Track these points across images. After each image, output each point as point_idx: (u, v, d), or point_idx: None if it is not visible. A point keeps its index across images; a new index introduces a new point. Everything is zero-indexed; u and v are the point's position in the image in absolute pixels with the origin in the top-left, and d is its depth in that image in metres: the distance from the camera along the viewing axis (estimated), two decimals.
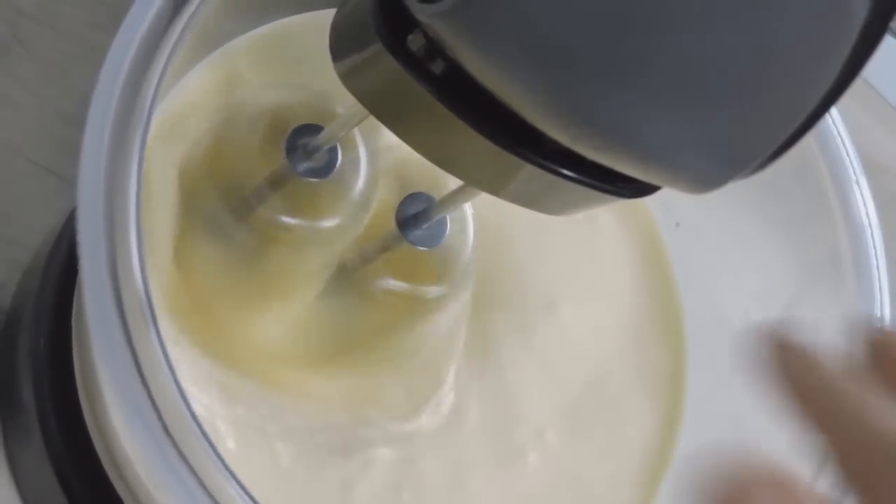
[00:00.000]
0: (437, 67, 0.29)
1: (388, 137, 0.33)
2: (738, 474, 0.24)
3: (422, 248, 0.40)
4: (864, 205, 0.43)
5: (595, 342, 0.47)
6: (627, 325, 0.48)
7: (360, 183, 0.40)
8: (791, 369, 0.26)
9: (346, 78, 0.32)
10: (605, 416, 0.46)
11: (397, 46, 0.29)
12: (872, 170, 0.44)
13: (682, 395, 0.47)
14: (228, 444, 0.39)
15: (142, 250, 0.32)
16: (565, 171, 0.30)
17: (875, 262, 0.42)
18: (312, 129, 0.39)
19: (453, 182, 0.40)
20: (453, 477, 0.43)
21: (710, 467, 0.25)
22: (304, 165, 0.38)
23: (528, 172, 0.30)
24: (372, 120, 0.33)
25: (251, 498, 0.32)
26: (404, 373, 0.43)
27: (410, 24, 0.29)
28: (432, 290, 0.41)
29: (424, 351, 0.44)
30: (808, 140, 0.37)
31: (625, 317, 0.48)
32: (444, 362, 0.44)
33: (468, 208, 0.42)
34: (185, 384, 0.32)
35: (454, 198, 0.39)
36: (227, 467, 0.32)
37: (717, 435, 0.43)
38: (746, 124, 0.28)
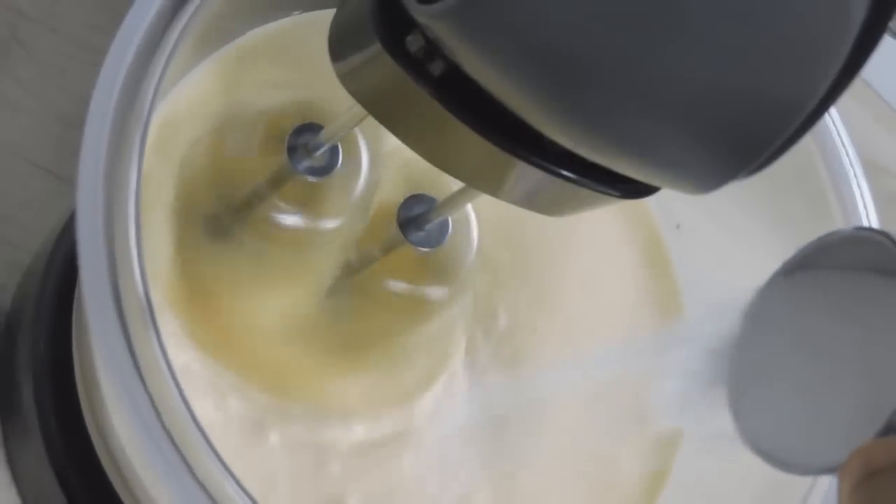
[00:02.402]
0: (436, 68, 0.29)
1: (390, 138, 0.33)
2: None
3: (424, 250, 0.40)
4: (864, 205, 0.43)
5: (596, 343, 0.47)
6: (629, 325, 0.48)
7: (361, 182, 0.40)
8: None
9: (345, 79, 0.32)
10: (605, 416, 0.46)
11: (396, 47, 0.29)
12: (872, 170, 0.44)
13: None
14: (227, 444, 0.39)
15: (141, 250, 0.32)
16: (565, 173, 0.30)
17: None
18: (313, 128, 0.39)
19: (455, 183, 0.40)
20: (448, 477, 0.43)
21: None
22: (304, 164, 0.38)
23: (528, 173, 0.30)
24: (373, 121, 0.33)
25: (250, 497, 0.32)
26: (405, 373, 0.43)
27: (409, 24, 0.29)
28: (434, 292, 0.41)
29: (425, 352, 0.44)
30: (808, 140, 0.37)
31: (626, 318, 0.48)
32: (445, 363, 0.44)
33: (470, 209, 0.42)
34: (184, 384, 0.32)
35: (456, 199, 0.39)
36: (226, 467, 0.32)
37: (719, 433, 0.43)
38: (746, 125, 0.28)
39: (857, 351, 0.32)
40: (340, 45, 0.32)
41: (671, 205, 0.49)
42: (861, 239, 0.32)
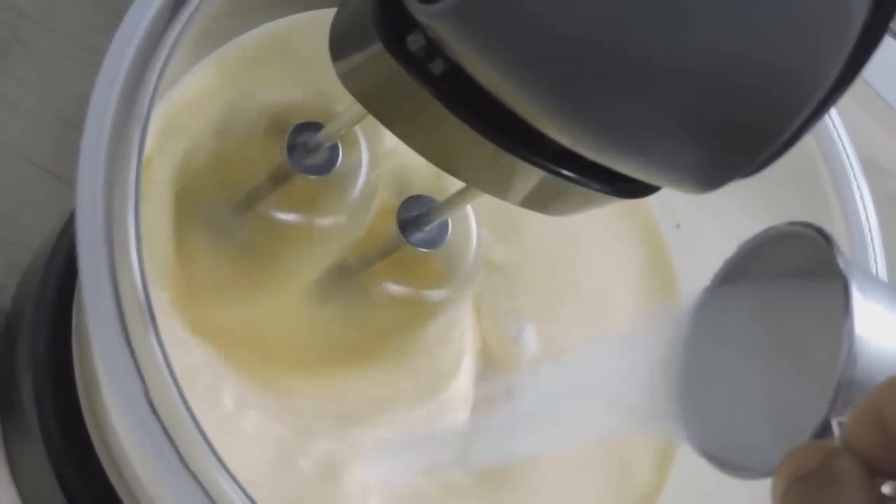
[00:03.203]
0: (437, 68, 0.29)
1: (390, 138, 0.33)
2: None
3: (424, 251, 0.40)
4: (864, 205, 0.43)
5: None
6: (629, 325, 0.48)
7: (361, 181, 0.40)
8: None
9: (346, 78, 0.32)
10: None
11: (397, 47, 0.29)
12: (872, 171, 0.44)
13: None
14: (228, 443, 0.39)
15: (141, 250, 0.32)
16: (566, 172, 0.30)
17: (875, 263, 0.42)
18: (313, 126, 0.39)
19: (455, 184, 0.40)
20: (451, 479, 0.42)
21: None
22: (304, 163, 0.38)
23: (528, 173, 0.30)
24: (373, 119, 0.33)
25: (249, 498, 0.32)
26: (405, 375, 0.43)
27: (410, 24, 0.29)
28: (435, 293, 0.41)
29: (426, 353, 0.44)
30: (808, 140, 0.37)
31: (627, 317, 0.48)
32: (446, 364, 0.44)
33: (470, 210, 0.42)
34: (183, 383, 0.32)
35: (455, 200, 0.39)
36: (224, 466, 0.32)
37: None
38: (746, 124, 0.28)
39: (793, 355, 0.32)
40: (341, 44, 0.32)
41: (671, 204, 0.49)
42: (794, 234, 0.33)
